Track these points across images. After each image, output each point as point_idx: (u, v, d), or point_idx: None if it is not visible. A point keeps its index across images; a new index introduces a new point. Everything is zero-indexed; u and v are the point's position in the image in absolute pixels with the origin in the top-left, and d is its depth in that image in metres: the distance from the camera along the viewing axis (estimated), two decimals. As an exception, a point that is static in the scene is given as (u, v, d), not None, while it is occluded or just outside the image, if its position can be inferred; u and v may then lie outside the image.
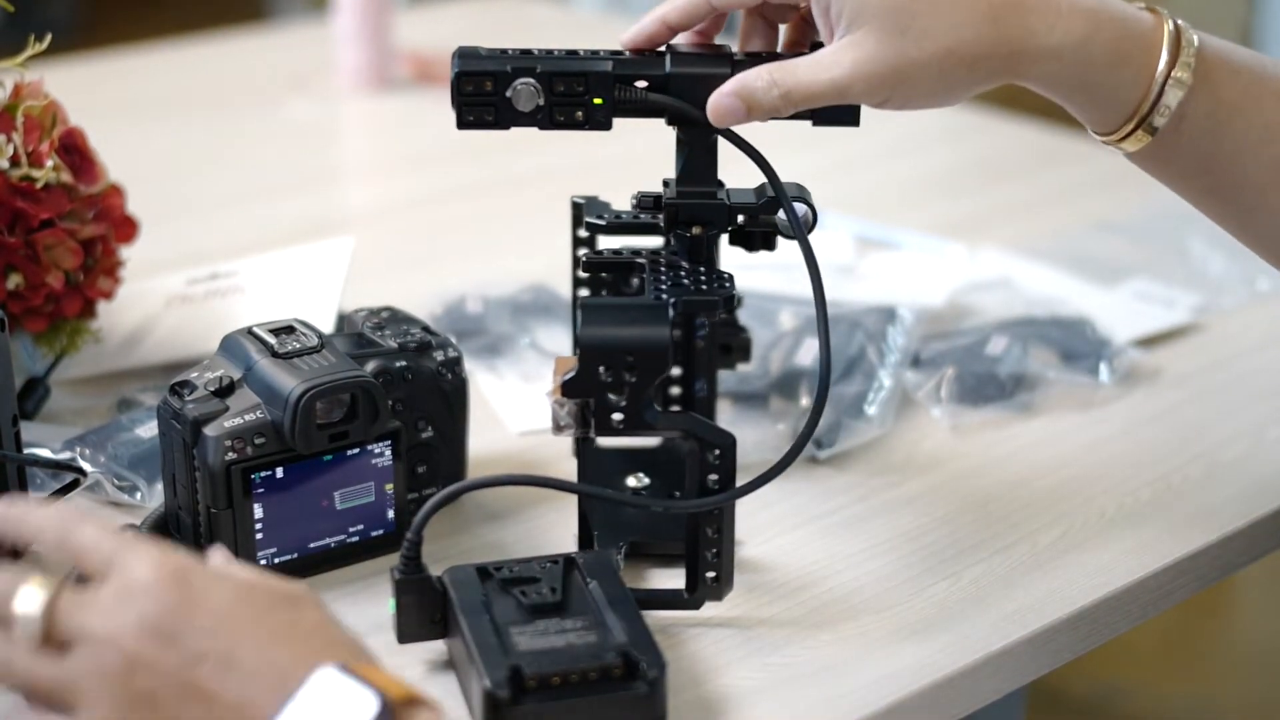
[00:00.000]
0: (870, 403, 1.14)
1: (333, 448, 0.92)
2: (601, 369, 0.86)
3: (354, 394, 0.92)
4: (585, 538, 0.93)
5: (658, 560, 0.97)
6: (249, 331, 0.94)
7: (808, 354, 1.18)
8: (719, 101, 0.87)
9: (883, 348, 1.21)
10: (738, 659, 0.89)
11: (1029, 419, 1.16)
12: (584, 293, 1.05)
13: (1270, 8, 3.34)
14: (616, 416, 0.87)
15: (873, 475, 1.08)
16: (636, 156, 1.20)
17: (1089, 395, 1.18)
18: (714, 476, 0.87)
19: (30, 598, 0.73)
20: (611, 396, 0.86)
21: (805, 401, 1.13)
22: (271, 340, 0.93)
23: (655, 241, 1.01)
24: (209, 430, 0.90)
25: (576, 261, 1.04)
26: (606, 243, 1.02)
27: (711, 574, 0.90)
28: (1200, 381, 1.23)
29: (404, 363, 0.96)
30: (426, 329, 1.00)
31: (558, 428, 0.89)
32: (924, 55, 0.84)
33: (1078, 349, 1.22)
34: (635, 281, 1.03)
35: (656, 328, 0.86)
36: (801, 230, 0.89)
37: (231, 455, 0.90)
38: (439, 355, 0.98)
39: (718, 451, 0.87)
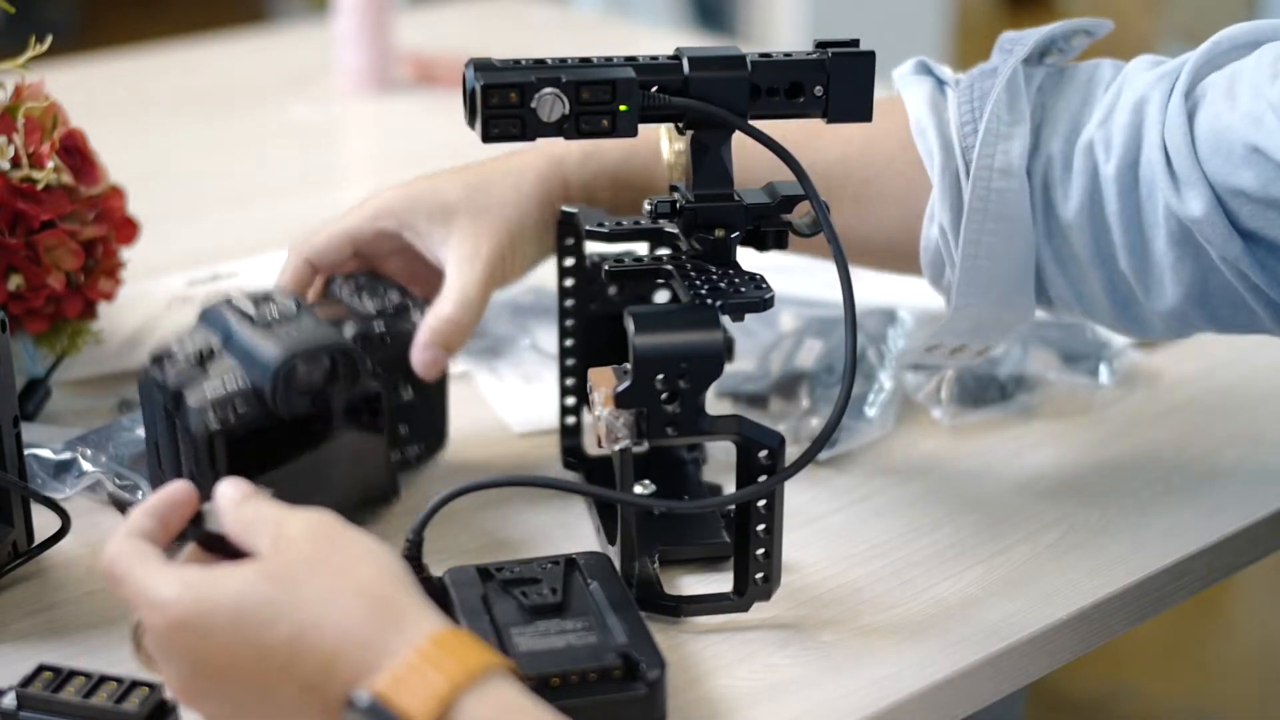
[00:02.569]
0: (871, 404, 1.14)
1: (314, 412, 0.92)
2: (657, 377, 0.86)
3: (334, 358, 0.92)
4: (628, 547, 0.92)
5: (687, 565, 0.97)
6: (228, 301, 0.94)
7: (809, 355, 1.18)
8: (422, 359, 0.97)
9: (883, 349, 1.21)
10: (738, 659, 0.89)
11: (1029, 420, 1.16)
12: (570, 302, 1.05)
13: (1270, 8, 3.35)
14: (670, 424, 0.86)
15: (873, 476, 1.08)
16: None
17: (1089, 397, 1.19)
18: (763, 477, 0.87)
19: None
20: (665, 405, 0.86)
21: (805, 403, 1.13)
22: (250, 308, 0.93)
23: (642, 248, 1.01)
24: (191, 399, 0.90)
25: (563, 271, 1.04)
26: (591, 249, 1.03)
27: (760, 574, 0.90)
28: (1200, 383, 1.23)
29: (382, 326, 0.98)
30: (404, 292, 1.01)
31: (613, 439, 0.88)
32: (511, 216, 1.00)
33: (1077, 350, 1.22)
34: (612, 290, 1.03)
35: (709, 332, 0.86)
36: (829, 224, 0.89)
37: (214, 423, 0.89)
38: (417, 317, 0.99)
39: (766, 451, 0.87)
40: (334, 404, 0.93)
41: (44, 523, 0.95)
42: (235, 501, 0.77)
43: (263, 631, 0.71)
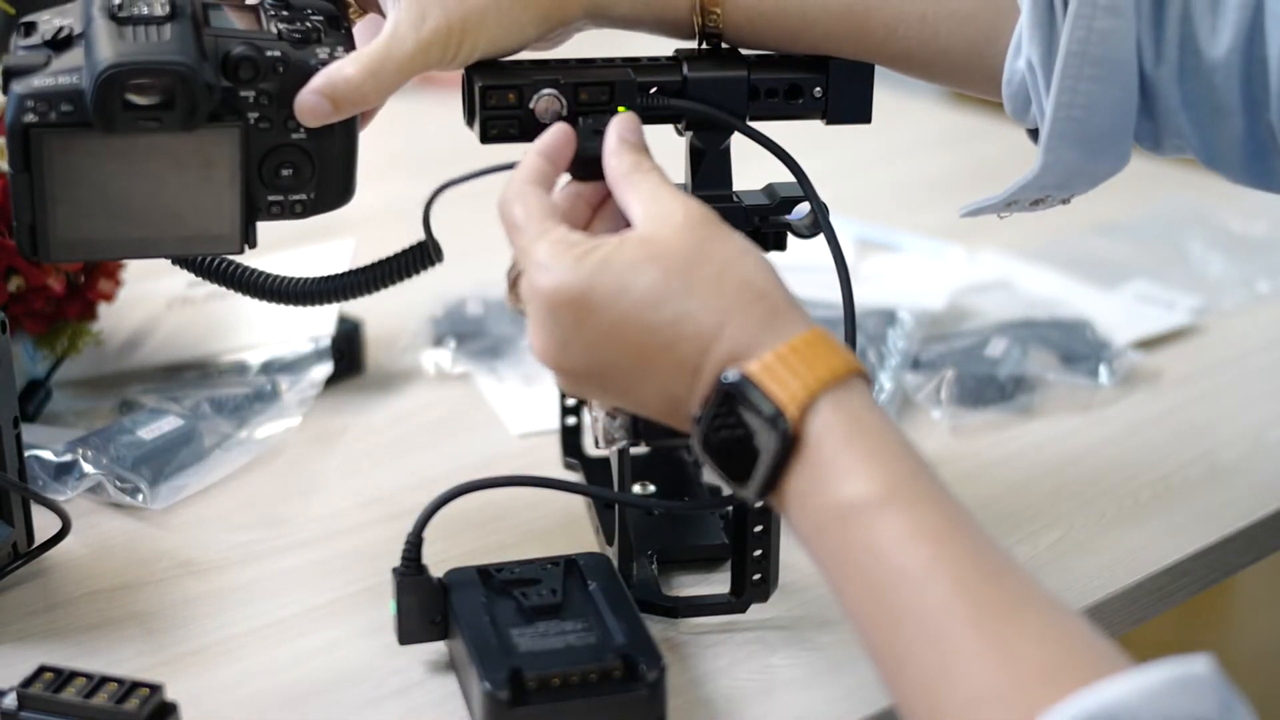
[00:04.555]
0: (870, 404, 1.14)
1: (144, 133, 0.82)
2: None
3: (167, 81, 0.81)
4: (625, 548, 0.93)
5: (686, 566, 0.97)
6: None
7: (808, 356, 1.18)
8: (304, 101, 0.84)
9: (883, 350, 1.21)
10: (738, 660, 0.89)
11: (1028, 421, 1.16)
12: None
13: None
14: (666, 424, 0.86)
15: (873, 477, 1.08)
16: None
17: (1089, 397, 1.19)
18: None
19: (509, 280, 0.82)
20: None
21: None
22: None
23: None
24: (16, 85, 0.81)
25: None
26: None
27: (757, 575, 0.90)
28: (1200, 383, 1.23)
29: (278, 52, 0.84)
30: (336, 22, 0.89)
31: (610, 440, 0.88)
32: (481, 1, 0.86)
33: (1077, 351, 1.22)
34: None
35: None
36: (829, 225, 0.89)
37: (31, 117, 0.81)
38: (323, 53, 0.86)
39: None
40: (168, 128, 0.82)
41: (44, 524, 0.95)
42: (622, 148, 0.82)
43: (648, 312, 0.75)
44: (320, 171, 0.88)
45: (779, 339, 0.74)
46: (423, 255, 0.93)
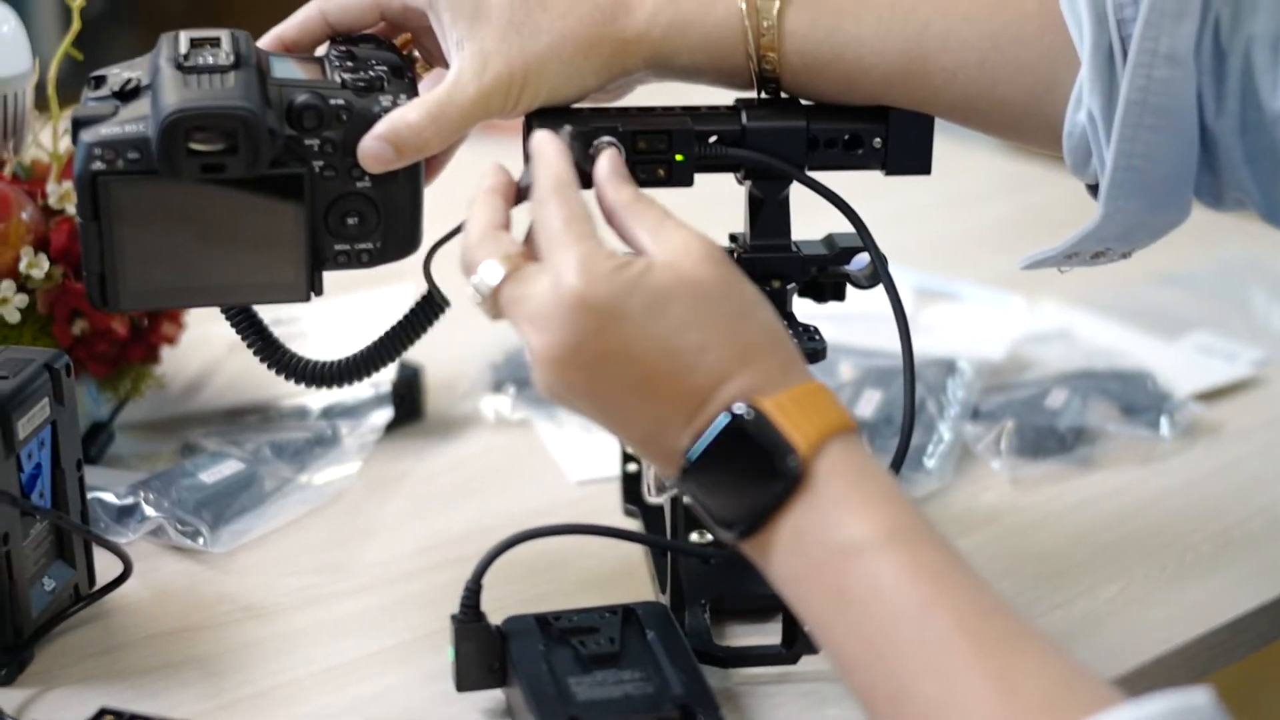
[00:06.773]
0: (930, 455, 1.14)
1: (206, 179, 0.83)
2: None
3: (230, 126, 0.82)
4: (677, 596, 0.93)
5: (740, 616, 0.97)
6: (176, 34, 0.87)
7: (868, 405, 1.18)
8: (367, 147, 0.85)
9: (942, 400, 1.20)
10: (793, 713, 0.89)
11: (1089, 473, 1.15)
12: None
13: None
14: None
15: (931, 528, 1.07)
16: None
17: (1149, 449, 1.18)
18: None
19: (489, 272, 0.78)
20: None
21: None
22: (184, 48, 0.85)
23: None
24: (85, 135, 0.83)
25: None
26: None
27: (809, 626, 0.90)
28: (1262, 435, 1.22)
29: (342, 101, 0.85)
30: (400, 71, 0.90)
31: (662, 489, 0.88)
32: (542, 47, 0.86)
33: (1138, 402, 1.22)
34: None
35: None
36: (888, 275, 0.89)
37: (99, 165, 0.83)
38: (386, 101, 0.86)
39: None
40: (232, 174, 0.83)
41: (106, 566, 0.96)
42: (617, 179, 0.81)
43: (674, 336, 0.75)
44: (386, 220, 0.88)
45: (790, 384, 0.75)
46: (429, 308, 0.94)
